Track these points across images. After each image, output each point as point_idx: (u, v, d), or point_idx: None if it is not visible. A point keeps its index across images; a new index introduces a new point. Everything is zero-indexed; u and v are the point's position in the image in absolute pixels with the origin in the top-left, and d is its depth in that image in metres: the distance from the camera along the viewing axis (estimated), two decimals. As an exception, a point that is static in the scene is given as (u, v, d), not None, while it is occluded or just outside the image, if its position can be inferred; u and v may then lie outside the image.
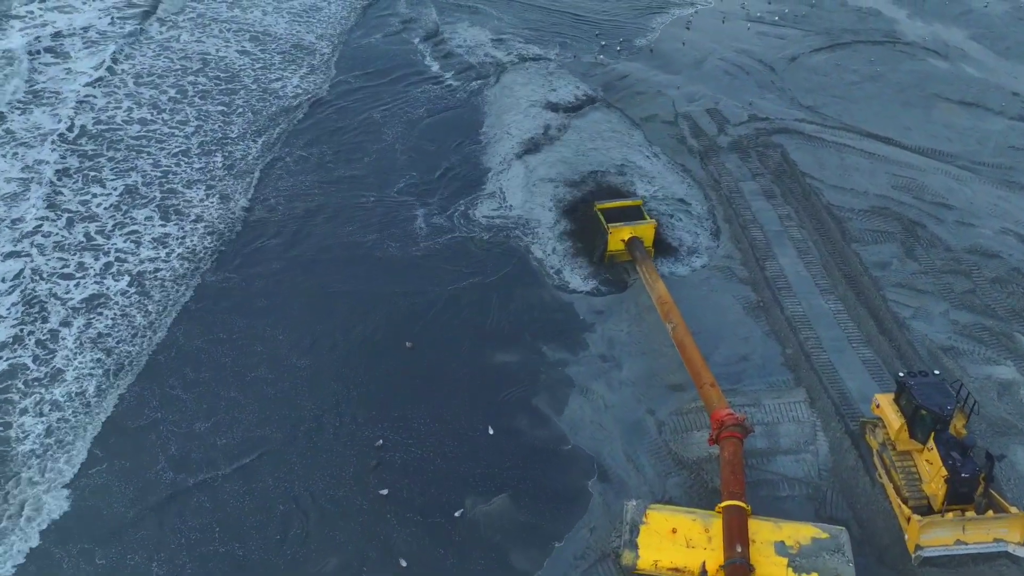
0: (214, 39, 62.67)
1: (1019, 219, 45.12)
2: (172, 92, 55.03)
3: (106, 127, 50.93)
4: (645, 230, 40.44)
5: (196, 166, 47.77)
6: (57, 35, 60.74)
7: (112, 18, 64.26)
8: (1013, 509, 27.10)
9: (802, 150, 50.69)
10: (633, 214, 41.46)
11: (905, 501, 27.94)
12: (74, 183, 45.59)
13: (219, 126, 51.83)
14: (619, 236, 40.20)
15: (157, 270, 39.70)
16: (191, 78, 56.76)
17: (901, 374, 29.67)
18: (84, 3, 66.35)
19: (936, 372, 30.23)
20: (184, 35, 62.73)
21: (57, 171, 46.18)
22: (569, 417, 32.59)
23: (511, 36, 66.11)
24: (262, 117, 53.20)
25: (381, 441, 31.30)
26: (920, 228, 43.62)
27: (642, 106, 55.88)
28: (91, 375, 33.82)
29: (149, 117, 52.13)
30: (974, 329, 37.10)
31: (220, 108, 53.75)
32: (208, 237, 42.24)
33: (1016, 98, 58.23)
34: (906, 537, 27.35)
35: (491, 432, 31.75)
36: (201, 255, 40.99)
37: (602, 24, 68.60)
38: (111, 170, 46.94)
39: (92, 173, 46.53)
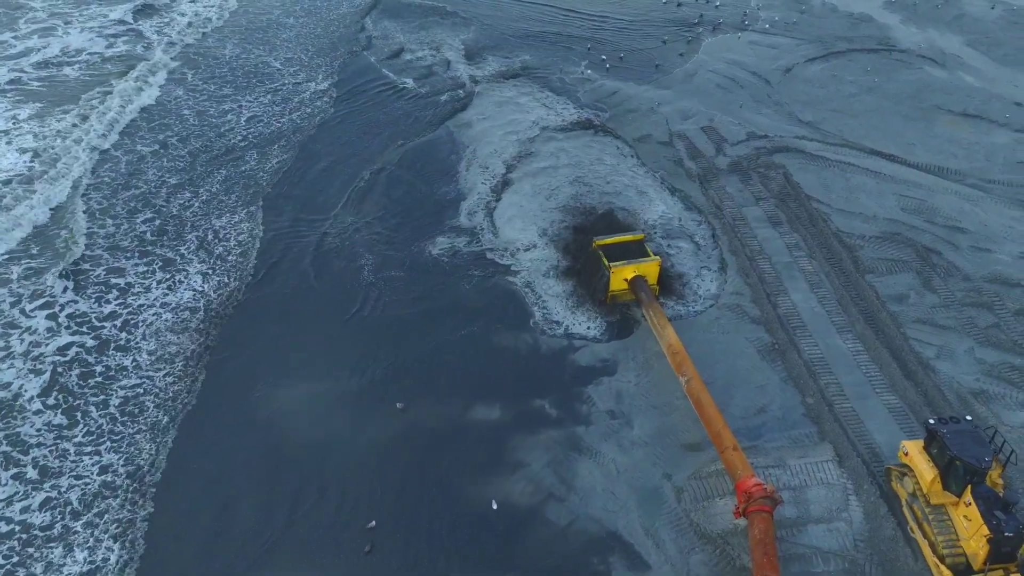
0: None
1: (1036, 242, 43.35)
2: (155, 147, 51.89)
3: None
4: (649, 268, 38.15)
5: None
6: None
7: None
8: None
9: (805, 170, 48.65)
10: (635, 249, 39.15)
11: (942, 560, 26.40)
12: None
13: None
14: (621, 275, 37.90)
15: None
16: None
17: (931, 421, 28.06)
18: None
19: (968, 418, 28.67)
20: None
21: None
22: (579, 486, 30.13)
23: (491, 52, 63.66)
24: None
25: (374, 523, 28.62)
26: (935, 255, 41.67)
27: (634, 125, 53.72)
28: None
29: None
30: (1003, 369, 35.14)
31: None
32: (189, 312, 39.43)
33: (1020, 109, 56.69)
34: None
35: (495, 507, 29.18)
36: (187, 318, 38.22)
37: (591, 38, 66.30)
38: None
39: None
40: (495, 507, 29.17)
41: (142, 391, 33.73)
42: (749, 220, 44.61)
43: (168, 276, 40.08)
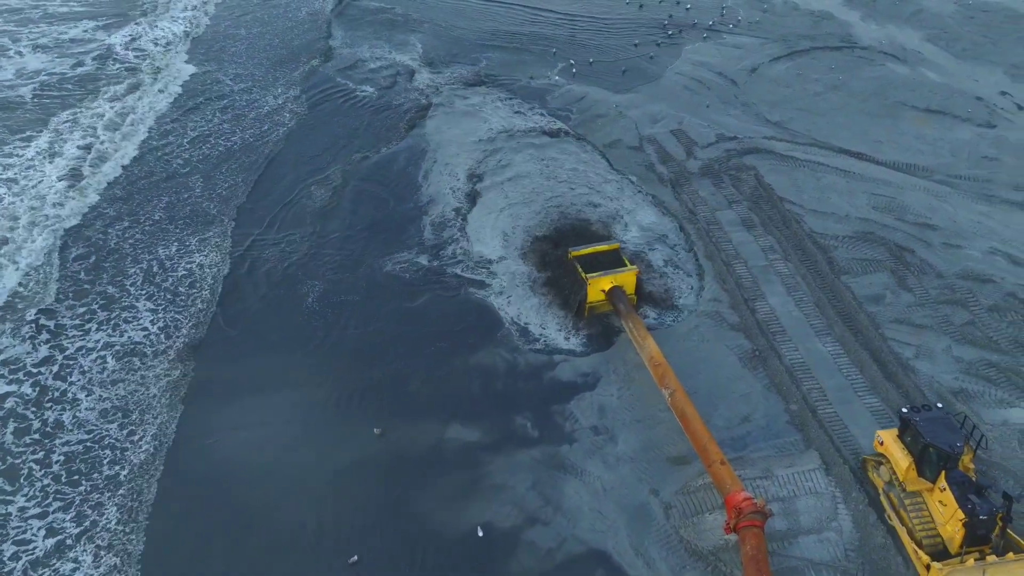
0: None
1: (1004, 237, 43.70)
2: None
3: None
4: (626, 278, 37.76)
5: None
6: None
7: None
8: None
9: (776, 172, 48.65)
10: (610, 259, 38.73)
11: (920, 545, 27.06)
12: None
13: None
14: (599, 287, 37.47)
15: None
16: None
17: (905, 410, 29.05)
18: None
19: (939, 406, 29.44)
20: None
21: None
22: (565, 506, 29.54)
23: (455, 59, 62.95)
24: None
25: (356, 557, 27.75)
26: (908, 254, 41.81)
27: (604, 130, 53.38)
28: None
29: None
30: (980, 366, 35.26)
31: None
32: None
33: (980, 103, 57.30)
34: None
35: (480, 533, 28.46)
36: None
37: (557, 42, 65.86)
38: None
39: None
40: (480, 534, 28.45)
41: (91, 443, 31.98)
42: (723, 224, 44.42)
43: (111, 315, 37.86)
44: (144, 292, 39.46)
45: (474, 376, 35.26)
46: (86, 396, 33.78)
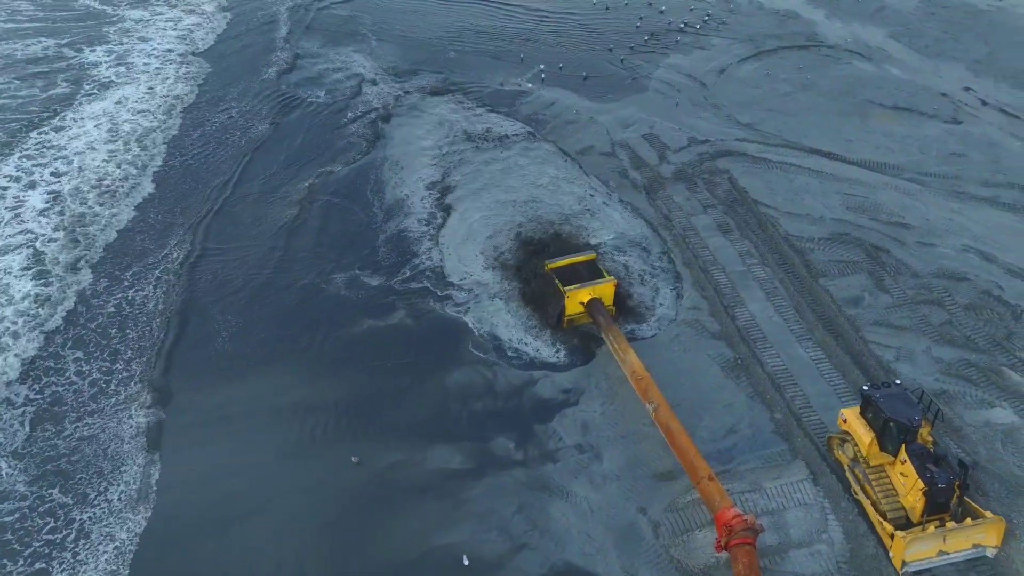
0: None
1: (976, 234, 43.88)
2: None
3: None
4: (605, 289, 37.31)
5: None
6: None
7: None
8: (988, 514, 27.51)
9: (750, 174, 48.61)
10: (588, 269, 38.31)
11: (884, 516, 28.07)
12: None
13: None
14: (577, 299, 36.99)
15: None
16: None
17: (865, 387, 29.92)
18: None
19: (898, 382, 30.40)
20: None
21: None
22: (552, 530, 28.94)
23: (421, 66, 62.32)
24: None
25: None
26: (884, 254, 41.83)
27: (575, 136, 53.08)
28: None
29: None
30: (960, 367, 35.28)
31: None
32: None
33: (945, 99, 57.78)
34: (891, 554, 27.27)
35: (466, 562, 27.73)
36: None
37: (524, 48, 65.39)
38: None
39: None
40: (466, 562, 27.71)
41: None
42: (699, 229, 44.22)
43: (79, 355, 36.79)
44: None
45: (452, 396, 34.59)
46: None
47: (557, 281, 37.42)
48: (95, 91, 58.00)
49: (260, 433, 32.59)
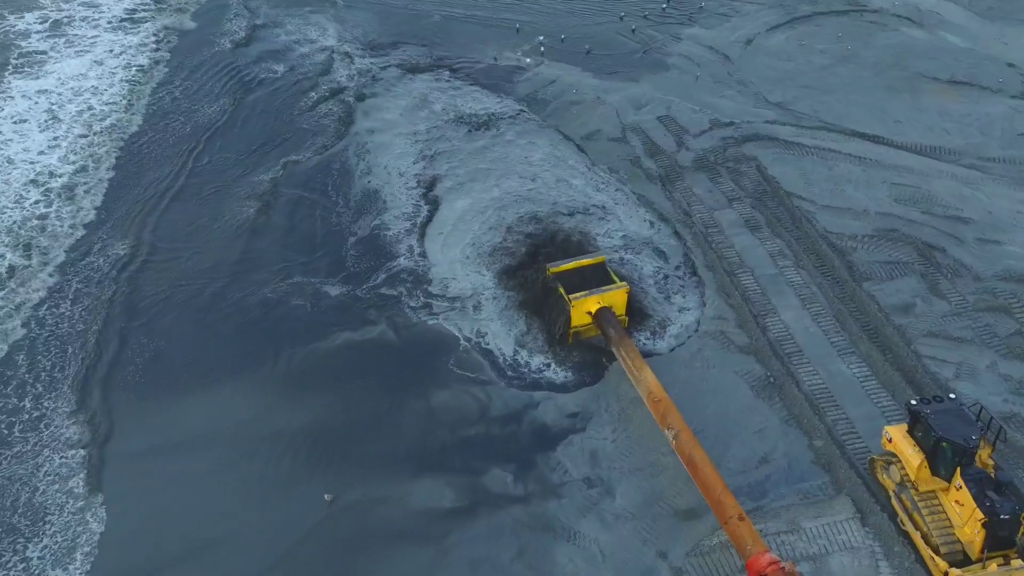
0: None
1: (1048, 229, 44.08)
2: None
3: None
4: (616, 296, 37.43)
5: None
6: None
7: None
8: None
9: (781, 162, 48.81)
10: (596, 275, 38.40)
11: (937, 551, 27.93)
12: None
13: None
14: (584, 308, 37.09)
15: None
16: None
17: (913, 402, 29.76)
18: None
19: (952, 396, 30.42)
20: None
21: None
22: (558, 578, 28.99)
23: (402, 39, 62.53)
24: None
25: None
26: (939, 253, 42.07)
27: (580, 119, 53.28)
28: None
29: None
30: (1031, 384, 35.38)
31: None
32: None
33: (1013, 71, 58.06)
34: None
35: (458, 617, 27.79)
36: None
37: (520, 16, 65.64)
38: None
39: None
40: (458, 617, 27.76)
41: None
42: (723, 226, 44.42)
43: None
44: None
45: (440, 422, 34.66)
46: None
47: (560, 288, 37.47)
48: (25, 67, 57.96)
49: (218, 467, 32.55)
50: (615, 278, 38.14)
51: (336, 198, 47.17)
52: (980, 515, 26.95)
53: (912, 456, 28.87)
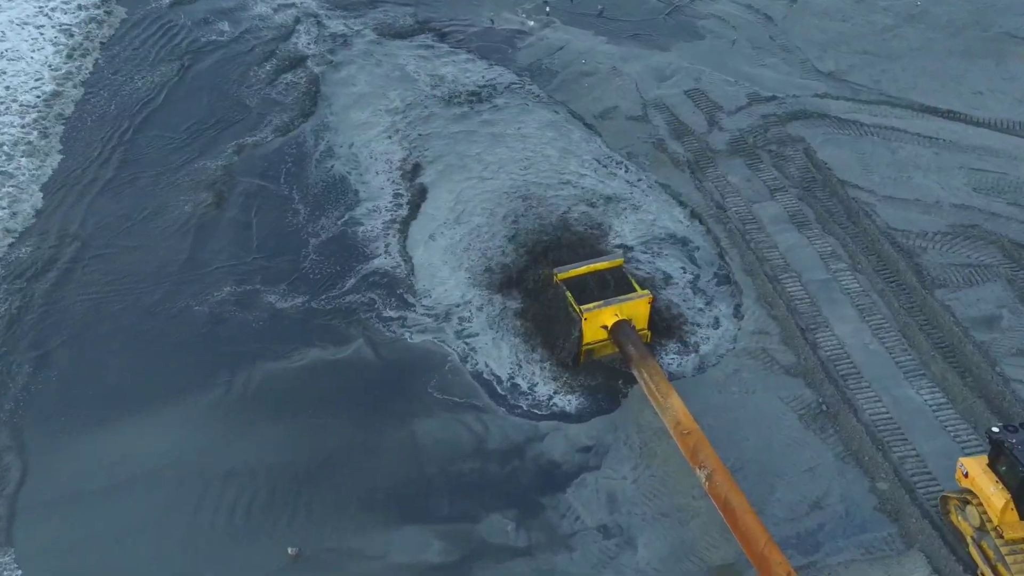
0: None
1: None
2: None
3: None
4: (636, 307, 37.20)
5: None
6: None
7: None
8: None
9: (834, 143, 48.73)
10: (612, 281, 38.21)
11: None
12: None
13: None
14: (598, 321, 36.88)
15: None
16: None
17: (995, 429, 29.42)
18: None
19: None
20: None
21: None
22: (569, 651, 28.78)
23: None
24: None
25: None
26: (1030, 252, 41.84)
27: (593, 94, 53.40)
28: None
29: None
30: None
31: None
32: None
33: (1119, 30, 57.74)
34: None
35: None
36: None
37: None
38: None
39: None
40: None
41: None
42: (764, 222, 44.33)
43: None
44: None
45: (428, 456, 34.49)
46: None
47: (570, 296, 37.31)
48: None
49: (158, 515, 32.32)
50: (635, 285, 37.89)
51: (301, 189, 47.20)
52: None
53: (995, 495, 28.47)
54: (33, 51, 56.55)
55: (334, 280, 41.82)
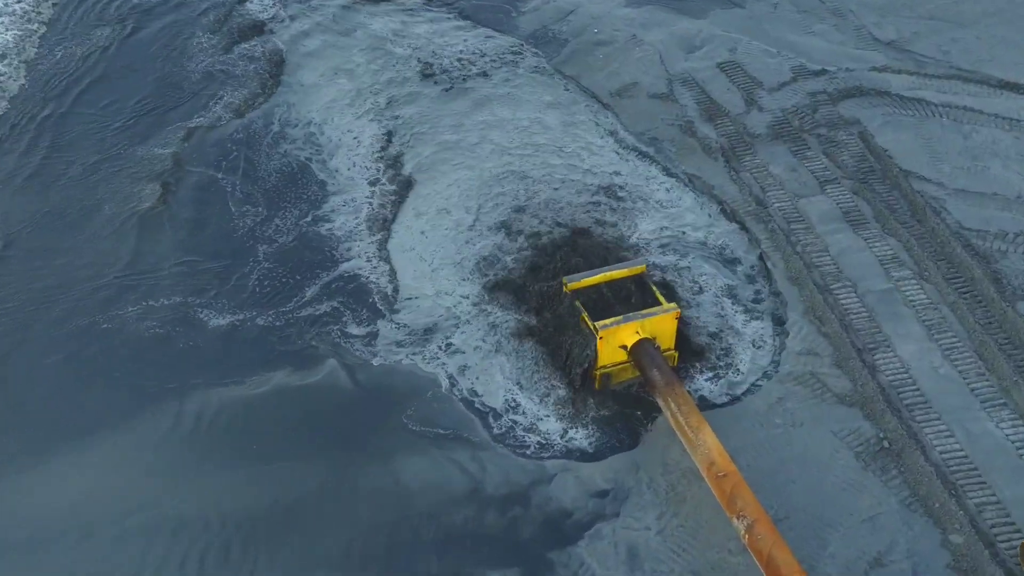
0: None
1: None
2: None
3: None
4: (662, 324, 36.84)
5: None
6: None
7: None
8: None
9: (895, 126, 48.51)
10: (633, 291, 38.07)
11: None
12: None
13: None
14: (616, 341, 36.52)
15: None
16: None
17: None
18: None
19: None
20: None
21: None
22: None
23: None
24: None
25: None
26: None
27: (609, 67, 53.29)
28: None
29: None
30: None
31: None
32: None
33: None
34: None
35: None
36: None
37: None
38: None
39: None
40: None
41: None
42: (813, 221, 44.07)
43: None
44: None
45: (413, 502, 34.21)
46: None
47: (583, 310, 37.01)
48: None
49: (93, 574, 31.96)
50: (660, 297, 37.60)
51: (262, 181, 47.14)
52: None
53: None
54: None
55: (301, 290, 41.68)
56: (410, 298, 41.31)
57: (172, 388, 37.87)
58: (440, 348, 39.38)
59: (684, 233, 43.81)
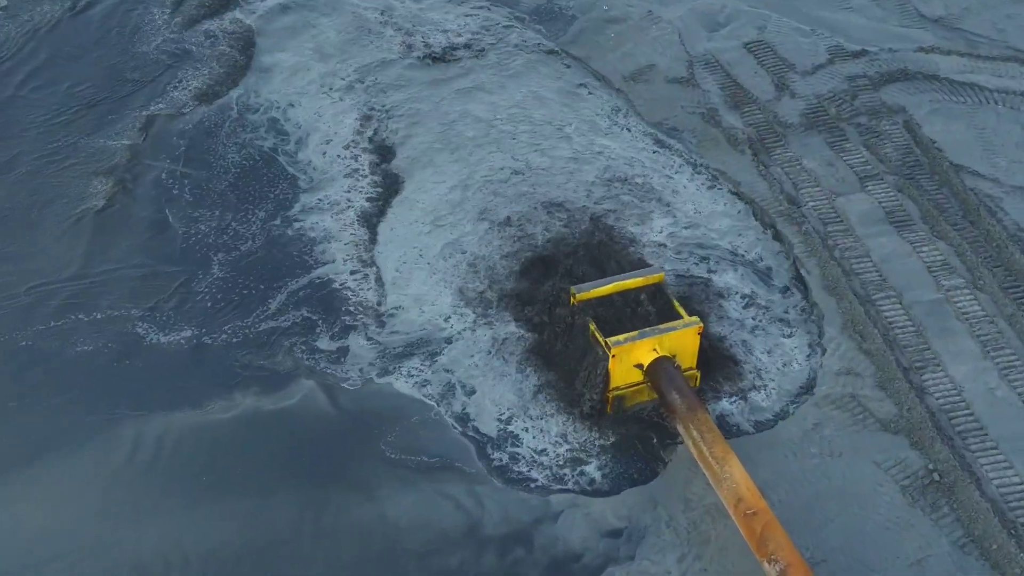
0: None
1: None
2: None
3: None
4: (681, 340, 36.81)
5: None
6: None
7: None
8: None
9: (944, 115, 48.66)
10: (649, 303, 38.06)
11: None
12: None
13: None
14: (631, 359, 36.48)
15: None
16: None
17: None
18: None
19: None
20: None
21: None
22: None
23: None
24: None
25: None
26: None
27: (622, 48, 53.51)
28: None
29: None
30: None
31: None
32: None
33: None
34: None
35: None
36: None
37: None
38: None
39: None
40: None
41: None
42: (852, 222, 44.12)
43: None
44: None
45: (401, 542, 34.18)
46: None
47: (593, 325, 36.95)
48: None
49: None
50: (680, 310, 37.60)
51: (230, 175, 47.24)
52: None
53: None
54: None
55: (273, 300, 41.70)
56: (394, 308, 41.30)
57: (127, 414, 37.80)
58: (428, 365, 39.34)
59: (707, 236, 43.81)
